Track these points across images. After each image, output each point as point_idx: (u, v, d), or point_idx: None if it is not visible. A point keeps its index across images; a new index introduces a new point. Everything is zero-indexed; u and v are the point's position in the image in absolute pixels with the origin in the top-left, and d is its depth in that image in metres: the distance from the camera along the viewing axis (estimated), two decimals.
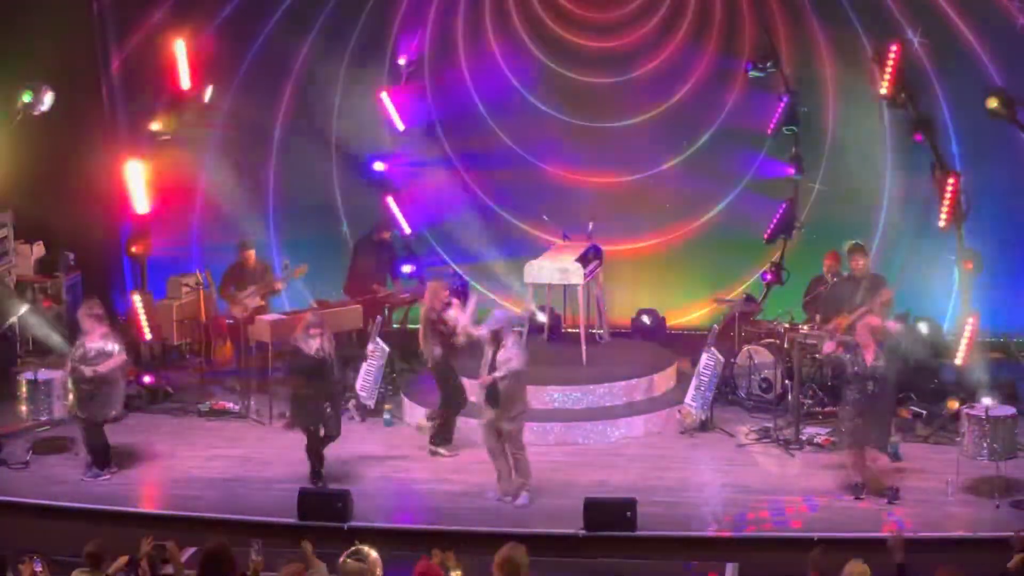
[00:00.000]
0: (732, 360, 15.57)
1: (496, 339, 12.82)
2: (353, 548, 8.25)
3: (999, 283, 16.47)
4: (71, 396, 13.55)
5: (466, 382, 14.03)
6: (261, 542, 9.53)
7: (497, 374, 12.66)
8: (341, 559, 8.19)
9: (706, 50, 17.25)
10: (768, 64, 16.43)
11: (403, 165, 17.84)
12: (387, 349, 15.06)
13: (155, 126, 16.01)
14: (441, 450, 14.06)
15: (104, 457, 13.62)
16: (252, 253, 16.49)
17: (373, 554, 8.20)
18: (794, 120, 16.50)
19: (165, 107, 16.01)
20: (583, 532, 12.03)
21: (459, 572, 9.02)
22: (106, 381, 13.43)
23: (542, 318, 16.12)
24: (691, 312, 17.73)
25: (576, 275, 15.35)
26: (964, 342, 14.75)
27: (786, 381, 15.04)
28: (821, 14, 16.72)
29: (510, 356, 12.74)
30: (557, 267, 15.42)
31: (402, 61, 17.60)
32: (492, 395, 12.73)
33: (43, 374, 14.35)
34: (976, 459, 12.85)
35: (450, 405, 14.15)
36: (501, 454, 12.92)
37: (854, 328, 13.32)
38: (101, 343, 13.45)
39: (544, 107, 17.60)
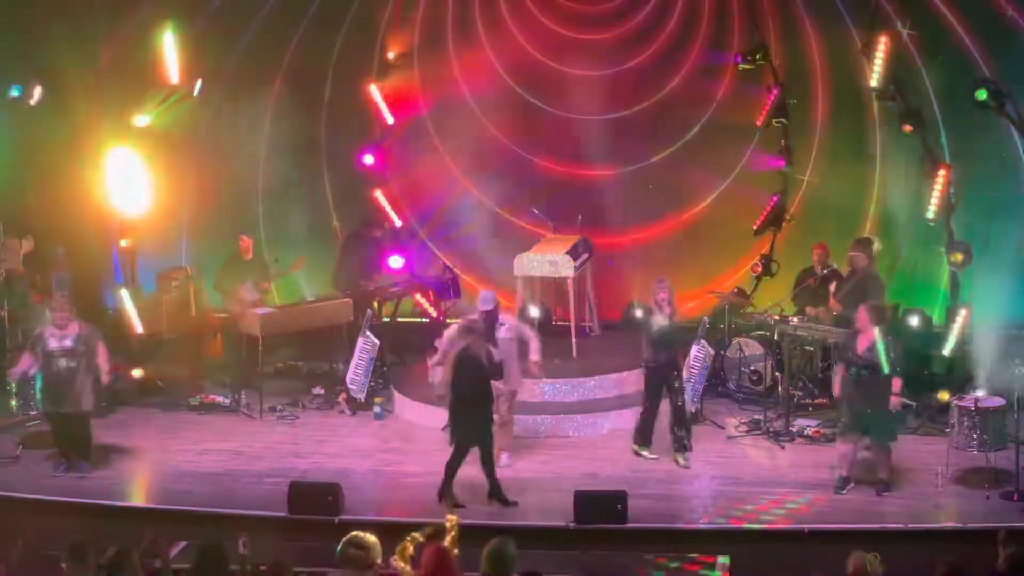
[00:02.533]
0: (722, 352, 15.59)
1: (491, 319, 12.86)
2: (352, 535, 8.20)
3: (988, 274, 16.47)
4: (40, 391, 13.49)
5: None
6: (247, 536, 9.52)
7: (534, 357, 13.13)
8: (340, 547, 8.15)
9: (695, 43, 17.24)
10: (757, 56, 16.42)
11: (393, 158, 17.82)
12: (377, 342, 15.04)
13: (141, 119, 16.00)
14: (643, 452, 13.83)
15: (88, 449, 13.56)
16: (249, 244, 16.35)
17: (371, 538, 8.17)
18: (783, 112, 16.49)
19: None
20: (574, 524, 12.03)
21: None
22: (81, 372, 13.38)
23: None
24: (681, 304, 17.68)
25: (566, 267, 15.36)
26: (954, 334, 14.76)
27: (776, 373, 15.06)
28: (810, 6, 16.71)
29: (510, 336, 12.93)
30: (547, 260, 15.42)
31: (391, 55, 17.58)
32: (495, 371, 12.88)
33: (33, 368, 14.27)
34: (966, 450, 12.89)
35: (660, 403, 13.78)
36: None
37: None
38: (72, 336, 13.37)
39: (533, 99, 17.56)
